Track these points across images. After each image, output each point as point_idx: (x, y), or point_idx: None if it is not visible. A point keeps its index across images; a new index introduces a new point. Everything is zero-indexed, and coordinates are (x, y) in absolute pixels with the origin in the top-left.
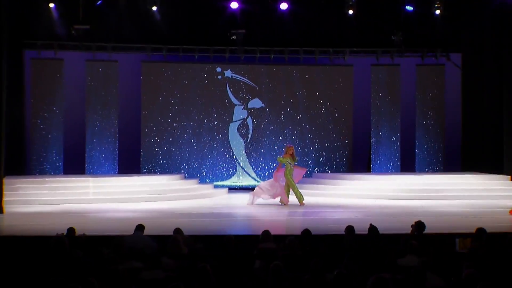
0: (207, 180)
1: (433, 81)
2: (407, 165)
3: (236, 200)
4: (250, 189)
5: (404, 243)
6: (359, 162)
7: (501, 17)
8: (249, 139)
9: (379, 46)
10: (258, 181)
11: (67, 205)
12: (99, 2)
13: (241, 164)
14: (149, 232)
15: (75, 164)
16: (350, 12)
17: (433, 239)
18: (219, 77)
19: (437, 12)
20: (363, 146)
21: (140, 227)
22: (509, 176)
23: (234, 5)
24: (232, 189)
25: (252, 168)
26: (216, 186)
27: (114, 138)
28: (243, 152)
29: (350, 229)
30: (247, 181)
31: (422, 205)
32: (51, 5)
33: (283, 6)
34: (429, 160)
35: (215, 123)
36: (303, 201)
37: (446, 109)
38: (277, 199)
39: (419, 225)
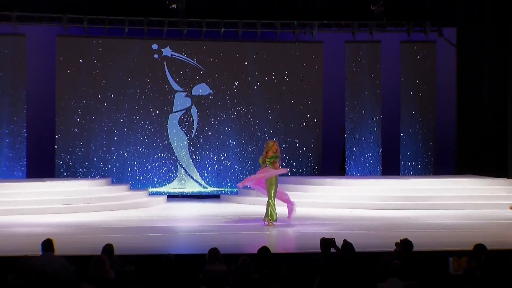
0: (140, 182)
1: (421, 62)
2: (390, 166)
3: (177, 210)
4: (194, 196)
5: (385, 264)
6: (331, 163)
7: None
8: (193, 134)
9: (355, 19)
10: (205, 187)
11: None
12: None
13: (183, 165)
14: (66, 251)
15: None
16: None
17: (421, 258)
18: (156, 56)
19: None
20: (336, 143)
21: (47, 246)
22: None
23: None
24: (172, 196)
25: (197, 170)
26: (152, 193)
27: (21, 130)
28: (186, 150)
29: (325, 242)
30: (190, 187)
31: (408, 216)
32: None
33: None
34: (417, 160)
35: (151, 114)
36: (273, 221)
37: (437, 96)
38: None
39: (405, 245)
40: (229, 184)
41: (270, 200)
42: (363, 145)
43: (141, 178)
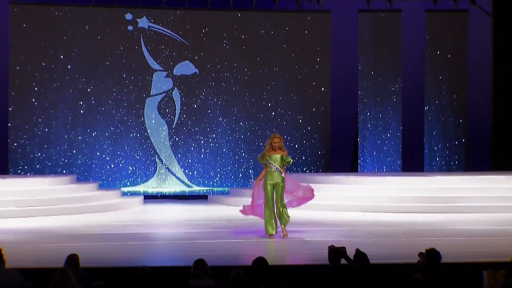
0: (111, 176)
1: (450, 35)
2: (412, 161)
3: (155, 213)
4: (176, 197)
5: (405, 278)
6: (341, 157)
7: None
8: (175, 121)
9: None
10: (189, 185)
11: None
12: None
13: (163, 160)
14: (21, 263)
15: None
16: None
17: (449, 272)
18: (130, 27)
19: None
20: (347, 132)
21: None
22: None
23: None
24: (150, 197)
25: (180, 165)
26: (125, 193)
27: None
28: (167, 141)
29: (334, 252)
30: (172, 186)
31: (434, 221)
32: None
33: None
34: (444, 155)
35: (124, 98)
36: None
37: (469, 76)
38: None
39: (431, 255)
40: (218, 181)
41: (269, 208)
42: (379, 135)
43: (112, 166)
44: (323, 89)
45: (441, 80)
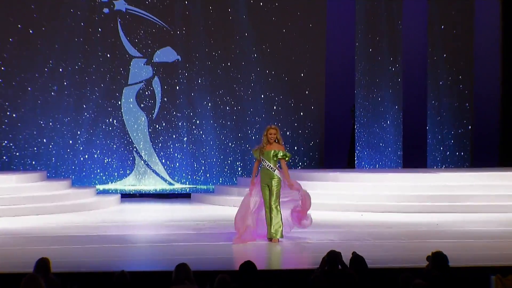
0: (82, 171)
1: (455, 20)
2: (414, 157)
3: (134, 214)
4: (156, 196)
5: (405, 283)
6: (336, 152)
7: None
8: (155, 113)
9: None
10: (170, 183)
11: None
12: None
13: (142, 155)
14: None
15: None
16: None
17: (454, 277)
18: (106, 10)
19: None
20: (343, 126)
21: None
22: None
23: None
24: (128, 195)
25: (161, 161)
26: (101, 192)
27: None
28: (146, 135)
29: (333, 255)
30: (152, 183)
31: (438, 222)
32: None
33: None
34: (449, 149)
35: (100, 86)
36: (278, 237)
37: (475, 65)
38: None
39: (438, 258)
40: (201, 175)
41: (267, 211)
42: (379, 127)
43: (86, 157)
44: (317, 70)
45: (445, 69)
